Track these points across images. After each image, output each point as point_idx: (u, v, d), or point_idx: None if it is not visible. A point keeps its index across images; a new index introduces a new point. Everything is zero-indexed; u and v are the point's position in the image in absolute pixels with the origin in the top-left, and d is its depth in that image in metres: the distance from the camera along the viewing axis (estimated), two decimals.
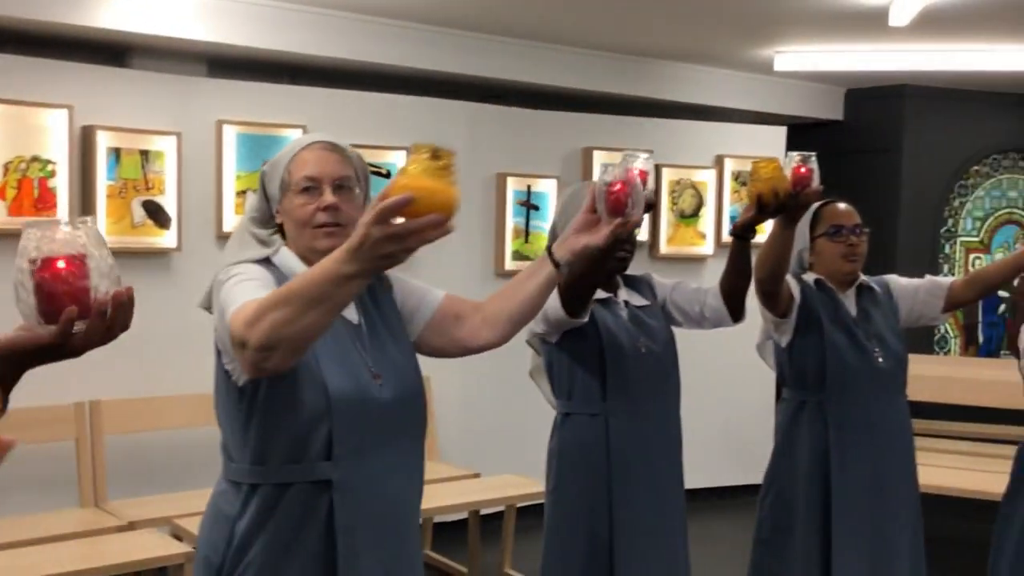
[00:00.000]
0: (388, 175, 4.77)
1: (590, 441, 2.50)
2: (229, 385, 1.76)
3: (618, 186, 1.76)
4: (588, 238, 1.81)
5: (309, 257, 1.80)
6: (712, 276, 2.60)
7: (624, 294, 2.59)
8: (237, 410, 1.76)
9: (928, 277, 2.95)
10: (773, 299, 2.67)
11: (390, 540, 1.80)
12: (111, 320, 1.08)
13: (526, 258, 5.15)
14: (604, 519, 2.49)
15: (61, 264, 1.04)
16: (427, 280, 2.04)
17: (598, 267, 2.20)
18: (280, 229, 1.87)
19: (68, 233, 1.05)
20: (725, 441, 5.86)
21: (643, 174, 1.81)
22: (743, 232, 2.42)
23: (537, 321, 2.47)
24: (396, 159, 4.80)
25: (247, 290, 1.64)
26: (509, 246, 5.21)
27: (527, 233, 5.23)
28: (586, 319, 2.35)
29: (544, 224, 5.17)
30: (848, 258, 2.82)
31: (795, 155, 2.38)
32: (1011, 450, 3.70)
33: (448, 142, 5.30)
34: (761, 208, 2.34)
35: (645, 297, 2.62)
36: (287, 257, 1.83)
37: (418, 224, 1.34)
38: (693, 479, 5.41)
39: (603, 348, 2.47)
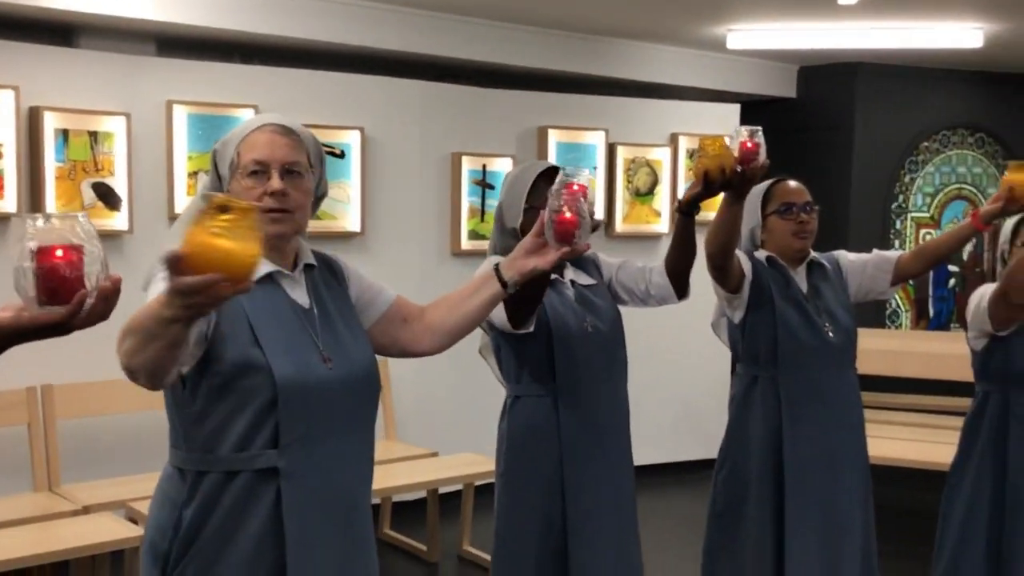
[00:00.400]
0: (342, 155, 4.74)
1: (540, 422, 2.50)
2: None
3: (568, 215, 1.80)
4: (536, 261, 1.87)
5: None
6: None
7: (570, 273, 2.59)
8: (181, 398, 1.74)
9: (876, 252, 2.98)
10: (724, 274, 2.69)
11: (340, 525, 1.80)
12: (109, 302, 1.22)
13: (482, 237, 5.15)
14: (556, 499, 2.49)
15: (60, 253, 1.19)
16: (383, 261, 2.05)
17: (544, 286, 2.22)
18: None
19: (64, 224, 1.20)
20: (681, 417, 5.93)
21: (582, 189, 1.84)
22: (688, 208, 2.44)
23: None
24: (350, 139, 4.77)
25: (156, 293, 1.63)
26: (465, 226, 5.21)
27: (483, 213, 5.23)
28: (531, 329, 2.34)
29: None
30: (798, 235, 2.85)
31: (743, 129, 2.40)
32: (960, 421, 3.73)
33: (402, 121, 5.31)
34: (707, 185, 2.36)
35: (591, 276, 2.62)
36: None
37: (194, 283, 1.30)
38: (650, 455, 5.51)
39: (550, 329, 2.47)
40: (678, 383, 5.88)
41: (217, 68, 4.55)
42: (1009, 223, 2.84)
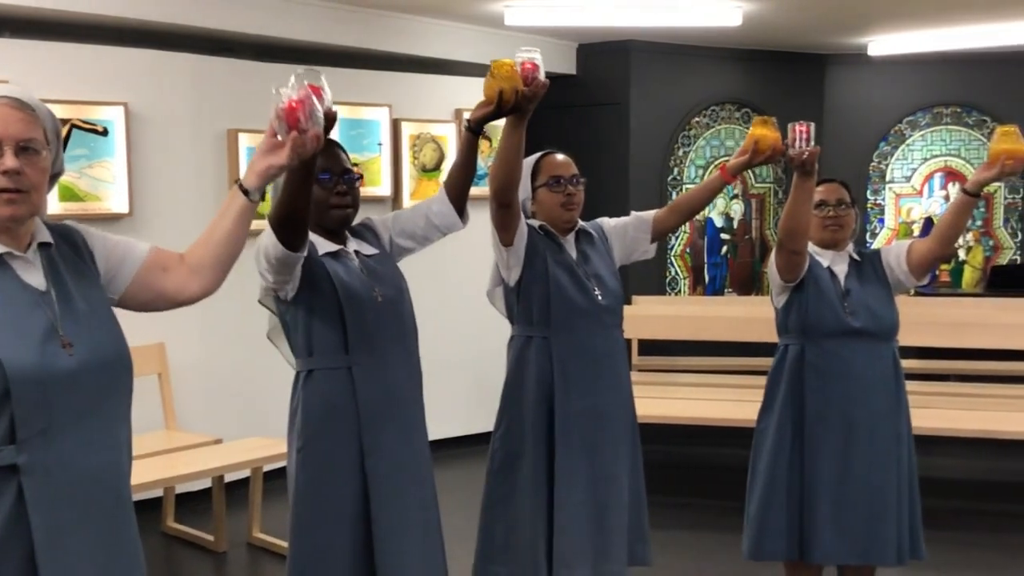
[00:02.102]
0: (105, 132, 4.50)
1: (335, 394, 2.49)
2: None
3: (292, 103, 1.80)
4: (271, 159, 1.85)
5: None
6: None
7: (353, 244, 2.60)
8: None
9: (634, 214, 3.12)
10: (508, 214, 2.77)
11: (97, 517, 1.72)
12: None
13: (264, 217, 5.02)
14: (356, 470, 2.49)
15: None
16: (156, 242, 1.96)
17: (305, 191, 2.20)
18: None
19: None
20: (476, 390, 6.01)
21: (316, 90, 1.85)
22: (478, 127, 2.56)
23: (263, 272, 2.43)
24: (113, 115, 4.53)
25: None
26: None
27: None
28: (306, 252, 2.33)
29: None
30: (566, 207, 2.96)
31: (522, 50, 2.56)
32: (733, 379, 3.96)
33: (172, 96, 5.07)
34: (500, 105, 2.47)
35: (373, 245, 2.64)
36: None
37: None
38: (446, 428, 5.55)
39: (340, 300, 2.46)
40: (468, 357, 5.94)
41: None
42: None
